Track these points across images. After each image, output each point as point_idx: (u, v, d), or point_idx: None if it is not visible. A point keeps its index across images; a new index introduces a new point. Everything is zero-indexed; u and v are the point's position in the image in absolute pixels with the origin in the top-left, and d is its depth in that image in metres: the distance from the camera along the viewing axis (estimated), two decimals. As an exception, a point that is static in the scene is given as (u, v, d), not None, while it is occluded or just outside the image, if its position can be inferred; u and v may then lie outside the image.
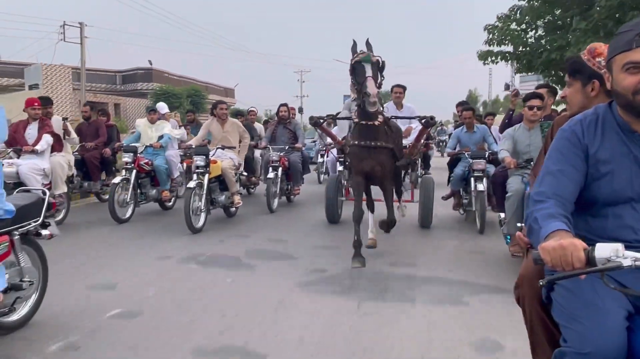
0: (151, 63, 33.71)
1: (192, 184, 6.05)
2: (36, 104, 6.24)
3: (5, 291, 2.81)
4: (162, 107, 8.53)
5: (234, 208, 7.06)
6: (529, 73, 15.04)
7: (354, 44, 4.69)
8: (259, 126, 10.33)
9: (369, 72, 4.39)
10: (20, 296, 3.01)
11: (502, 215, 4.77)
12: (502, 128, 5.74)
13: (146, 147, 7.32)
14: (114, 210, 6.56)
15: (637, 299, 1.51)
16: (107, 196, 7.32)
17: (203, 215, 6.18)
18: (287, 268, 4.54)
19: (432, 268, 4.55)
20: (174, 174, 7.93)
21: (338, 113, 6.19)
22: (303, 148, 8.12)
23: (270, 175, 7.43)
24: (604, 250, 1.34)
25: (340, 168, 7.12)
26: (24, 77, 20.93)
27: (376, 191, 5.36)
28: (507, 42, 12.62)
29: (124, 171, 7.02)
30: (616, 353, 1.43)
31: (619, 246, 1.35)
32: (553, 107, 6.11)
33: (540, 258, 1.42)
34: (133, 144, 7.33)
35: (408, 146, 5.69)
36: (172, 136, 7.83)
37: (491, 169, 6.28)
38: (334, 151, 7.18)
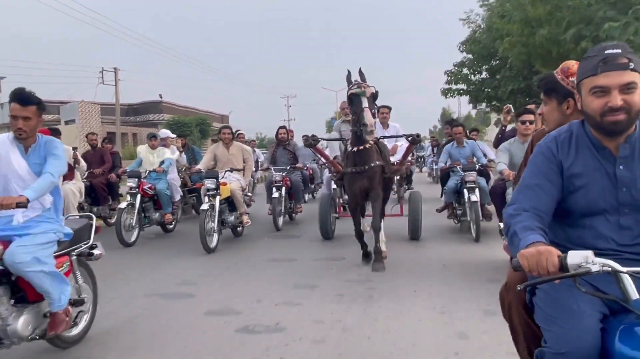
0: (161, 97, 37.65)
1: (205, 206, 6.25)
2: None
3: (71, 306, 3.06)
4: (166, 133, 8.81)
5: (241, 228, 7.28)
6: (478, 104, 20.83)
7: (349, 74, 5.05)
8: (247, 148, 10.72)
9: (365, 103, 4.73)
10: (82, 310, 3.25)
11: (502, 224, 4.98)
12: (496, 143, 6.15)
13: (149, 172, 7.52)
14: (121, 233, 6.70)
15: (612, 302, 1.55)
16: (113, 220, 7.48)
17: (216, 236, 6.37)
18: (297, 277, 4.86)
19: (431, 275, 4.83)
20: (175, 197, 8.17)
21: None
22: (303, 169, 8.43)
23: (275, 194, 7.67)
24: (576, 257, 1.43)
25: (334, 186, 7.37)
26: (59, 113, 26.64)
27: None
28: (460, 82, 18.53)
29: (128, 196, 7.17)
30: (590, 353, 1.49)
31: (589, 253, 1.44)
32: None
33: (519, 265, 1.51)
34: (137, 170, 7.52)
35: (396, 163, 6.05)
36: (172, 160, 8.10)
37: (481, 181, 6.70)
38: (326, 171, 7.57)
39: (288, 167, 8.15)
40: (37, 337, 2.96)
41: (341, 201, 7.54)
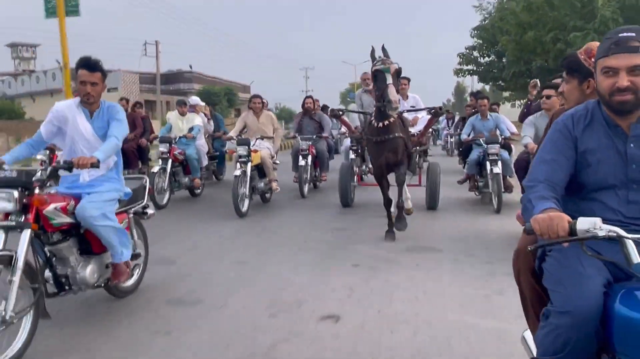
0: (191, 67, 39.33)
1: (237, 172, 6.47)
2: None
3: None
4: (196, 100, 9.01)
5: (269, 194, 7.52)
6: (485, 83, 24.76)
7: (372, 50, 5.12)
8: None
9: (389, 79, 4.84)
10: (137, 264, 3.56)
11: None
12: (522, 117, 6.25)
13: (179, 137, 7.71)
14: (154, 196, 6.94)
15: (616, 269, 1.66)
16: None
17: (247, 201, 6.62)
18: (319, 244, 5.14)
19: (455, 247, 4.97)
20: (203, 163, 8.42)
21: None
22: (329, 138, 8.56)
23: (301, 162, 7.88)
24: (584, 223, 1.52)
25: (352, 156, 7.57)
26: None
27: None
28: (471, 64, 21.56)
29: (160, 160, 7.40)
30: (592, 313, 1.58)
31: (597, 219, 1.52)
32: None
33: (532, 228, 1.61)
34: (168, 135, 7.72)
35: (417, 134, 6.23)
36: (201, 127, 8.31)
37: (504, 153, 6.80)
38: (347, 140, 7.74)
39: (314, 136, 8.33)
40: (102, 285, 3.27)
41: (359, 170, 7.72)
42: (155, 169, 7.28)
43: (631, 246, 1.56)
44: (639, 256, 1.56)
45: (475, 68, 22.05)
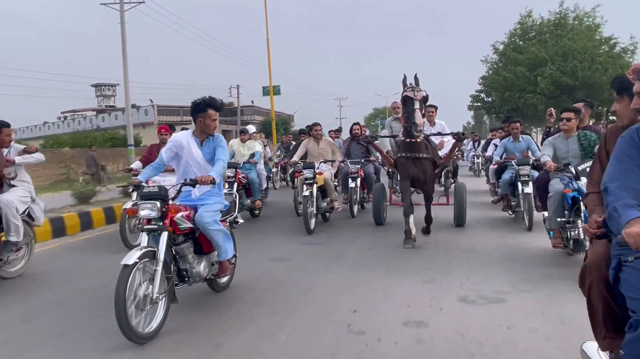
0: (253, 102, 46.09)
1: (306, 193, 7.15)
2: (163, 130, 7.53)
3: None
4: (251, 128, 9.98)
5: (329, 214, 8.16)
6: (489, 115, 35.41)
7: (405, 78, 5.86)
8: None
9: (416, 105, 5.54)
10: (233, 264, 4.36)
11: (546, 213, 5.35)
12: (543, 142, 6.74)
13: (243, 163, 8.60)
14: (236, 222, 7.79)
15: None
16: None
17: (314, 220, 7.29)
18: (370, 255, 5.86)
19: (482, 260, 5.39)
20: (263, 186, 9.29)
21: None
22: (376, 161, 9.23)
23: (351, 184, 8.50)
24: None
25: (352, 184, 8.37)
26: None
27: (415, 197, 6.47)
28: (479, 102, 31.21)
29: (226, 184, 8.19)
30: None
31: None
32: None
33: (624, 241, 1.67)
34: (233, 161, 8.58)
35: (443, 156, 6.91)
36: (261, 153, 9.21)
37: (535, 174, 7.17)
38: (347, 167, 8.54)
39: (362, 160, 8.94)
40: (212, 277, 4.08)
41: (391, 190, 8.41)
42: (224, 191, 8.15)
43: None
44: None
45: (482, 105, 31.63)
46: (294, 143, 12.79)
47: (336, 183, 8.73)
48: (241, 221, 4.63)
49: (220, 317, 3.81)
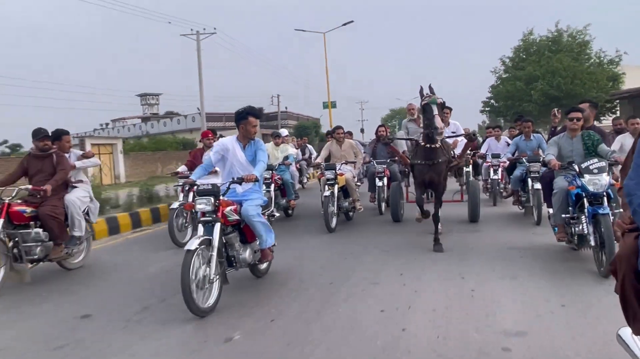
0: (286, 108, 50.73)
1: (327, 193, 7.50)
2: (210, 135, 7.89)
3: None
4: (283, 132, 10.64)
5: (352, 213, 8.57)
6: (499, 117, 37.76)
7: (421, 89, 6.14)
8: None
9: (435, 111, 5.87)
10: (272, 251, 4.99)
11: (551, 210, 5.57)
12: (547, 141, 6.98)
13: (278, 165, 9.13)
14: (273, 215, 8.32)
15: None
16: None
17: (335, 218, 7.72)
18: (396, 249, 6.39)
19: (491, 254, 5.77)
20: (296, 186, 9.89)
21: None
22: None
23: (378, 184, 8.92)
24: None
25: (379, 183, 8.80)
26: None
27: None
28: (489, 107, 36.22)
29: (264, 185, 8.94)
30: None
31: None
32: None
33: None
34: (270, 164, 9.16)
35: (457, 155, 7.23)
36: (294, 155, 9.82)
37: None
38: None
39: (388, 160, 9.23)
40: (255, 263, 4.71)
41: (407, 189, 8.80)
42: (272, 192, 8.41)
43: None
44: None
45: (491, 110, 36.52)
46: (309, 146, 13.38)
47: (358, 184, 9.07)
48: (277, 214, 5.25)
49: (267, 297, 4.44)
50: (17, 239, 5.18)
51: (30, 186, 5.43)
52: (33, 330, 3.88)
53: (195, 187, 4.39)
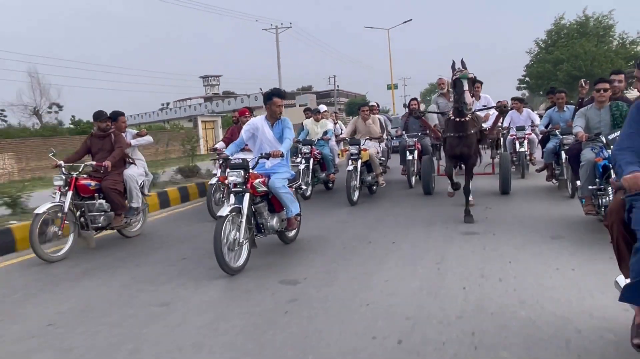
0: (338, 87, 56.06)
1: (350, 167, 7.73)
2: (247, 113, 8.10)
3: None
4: (322, 107, 10.92)
5: (375, 187, 8.77)
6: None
7: (453, 63, 6.19)
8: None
9: (465, 86, 5.93)
10: (299, 221, 5.49)
11: (579, 182, 5.55)
12: (575, 112, 6.92)
13: (317, 140, 9.37)
14: (300, 188, 8.75)
15: None
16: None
17: (357, 192, 7.94)
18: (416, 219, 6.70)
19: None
20: (336, 160, 10.22)
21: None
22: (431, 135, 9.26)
23: (409, 157, 9.08)
24: None
25: (409, 157, 8.94)
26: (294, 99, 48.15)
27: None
28: (525, 84, 43.58)
29: (303, 159, 8.88)
30: None
31: None
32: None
33: (622, 185, 2.20)
34: (308, 139, 9.43)
35: (488, 128, 7.30)
36: (333, 130, 10.14)
37: None
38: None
39: (419, 134, 9.38)
40: (282, 230, 5.24)
41: (439, 163, 8.87)
42: (302, 167, 8.62)
43: None
44: None
45: (526, 87, 42.35)
46: (339, 122, 13.41)
47: (382, 159, 9.18)
48: (304, 187, 5.72)
49: (292, 261, 4.97)
50: (83, 209, 5.89)
51: (94, 163, 6.14)
52: (106, 292, 4.33)
53: (228, 161, 4.93)
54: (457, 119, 6.32)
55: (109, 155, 6.17)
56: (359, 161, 7.91)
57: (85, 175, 6.10)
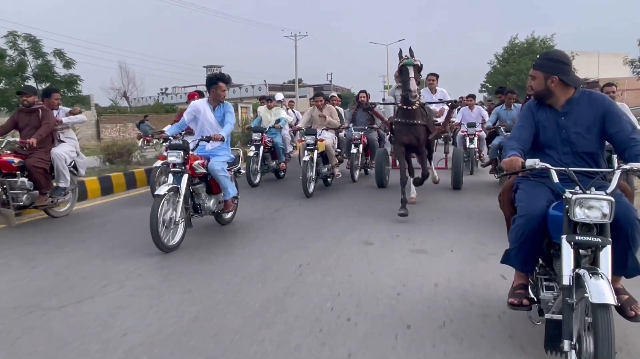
0: (331, 81, 60.58)
1: (306, 158, 7.54)
2: (196, 96, 7.52)
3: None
4: (279, 96, 10.77)
5: (331, 178, 8.69)
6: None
7: (400, 51, 6.17)
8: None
9: (411, 73, 5.84)
10: (235, 204, 5.67)
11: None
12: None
13: (269, 128, 9.27)
14: (250, 176, 8.55)
15: (555, 195, 2.59)
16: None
17: (313, 184, 7.66)
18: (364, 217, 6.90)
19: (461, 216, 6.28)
20: (287, 149, 10.05)
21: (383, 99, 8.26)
22: (379, 128, 9.47)
23: (353, 150, 8.84)
24: (529, 161, 2.50)
25: (354, 150, 8.80)
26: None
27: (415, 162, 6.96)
28: (485, 88, 49.97)
29: (253, 147, 8.87)
30: (537, 215, 2.56)
31: (537, 159, 2.50)
32: None
33: (502, 167, 2.63)
34: (260, 126, 9.33)
35: (441, 123, 7.39)
36: (286, 119, 10.01)
37: None
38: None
39: (366, 127, 9.16)
40: (219, 212, 5.41)
41: (393, 156, 8.64)
42: (251, 153, 8.73)
43: (553, 173, 2.50)
44: (558, 180, 2.49)
45: (486, 90, 47.50)
46: (295, 111, 13.18)
47: (338, 150, 9.00)
48: (243, 172, 5.92)
49: (224, 241, 5.14)
50: (5, 186, 5.68)
51: (18, 139, 5.94)
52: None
53: (168, 142, 5.04)
54: (405, 107, 6.26)
55: (36, 132, 5.95)
56: (315, 152, 7.76)
57: (9, 152, 5.91)
